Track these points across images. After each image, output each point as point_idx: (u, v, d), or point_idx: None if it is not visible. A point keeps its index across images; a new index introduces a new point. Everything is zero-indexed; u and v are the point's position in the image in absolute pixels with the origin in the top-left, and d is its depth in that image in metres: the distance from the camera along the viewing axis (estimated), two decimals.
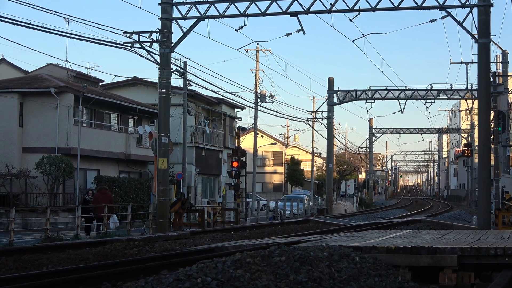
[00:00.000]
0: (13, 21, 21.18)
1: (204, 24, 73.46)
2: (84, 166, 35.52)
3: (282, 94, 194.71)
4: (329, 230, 25.20)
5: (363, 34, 38.99)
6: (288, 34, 29.73)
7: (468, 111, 67.52)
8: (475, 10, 25.15)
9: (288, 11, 25.83)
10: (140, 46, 25.80)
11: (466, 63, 50.08)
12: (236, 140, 38.76)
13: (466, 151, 64.43)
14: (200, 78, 50.89)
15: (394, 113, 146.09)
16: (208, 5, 26.06)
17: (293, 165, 77.47)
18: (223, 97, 45.95)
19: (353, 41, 31.40)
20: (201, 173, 46.97)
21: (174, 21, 26.43)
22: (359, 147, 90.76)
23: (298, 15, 26.18)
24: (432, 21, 27.99)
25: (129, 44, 25.57)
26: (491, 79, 37.86)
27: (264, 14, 25.88)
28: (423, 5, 25.32)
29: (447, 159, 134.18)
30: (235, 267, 9.40)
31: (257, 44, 51.72)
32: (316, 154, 79.11)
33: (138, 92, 45.95)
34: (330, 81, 49.85)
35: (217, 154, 51.02)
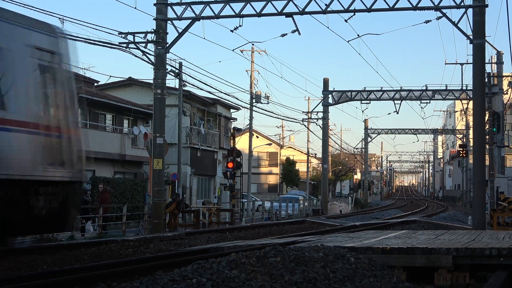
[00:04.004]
0: None
1: (199, 25, 73.34)
2: None
3: (277, 94, 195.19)
4: (324, 230, 25.20)
5: (358, 35, 39.24)
6: (283, 35, 29.79)
7: (463, 112, 67.62)
8: (470, 11, 25.19)
9: (283, 11, 25.84)
10: (135, 47, 25.80)
11: (461, 64, 50.13)
12: (231, 140, 38.77)
13: (461, 152, 64.52)
14: (195, 79, 50.94)
15: (389, 113, 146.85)
16: (203, 5, 26.05)
17: (289, 165, 77.48)
18: (218, 98, 45.90)
19: (348, 41, 31.46)
20: (196, 173, 46.94)
21: (169, 22, 26.41)
22: (354, 148, 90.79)
23: (293, 16, 26.19)
24: (427, 21, 28.06)
25: (124, 45, 25.55)
26: (486, 80, 37.94)
27: (259, 14, 25.88)
28: (418, 5, 25.35)
29: (442, 159, 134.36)
30: (230, 267, 9.39)
31: (253, 44, 51.67)
32: (311, 155, 79.12)
33: (133, 93, 45.89)
34: (325, 82, 49.86)
35: (212, 155, 51.00)
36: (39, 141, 13.89)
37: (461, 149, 64.21)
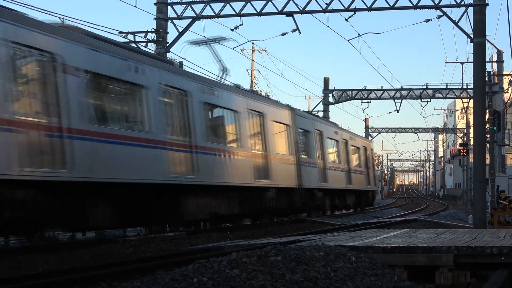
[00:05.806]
0: None
1: (199, 24, 73.56)
2: None
3: (278, 93, 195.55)
4: (325, 229, 25.17)
5: (358, 34, 39.07)
6: (283, 34, 29.72)
7: (463, 111, 67.64)
8: (470, 9, 25.18)
9: (284, 11, 25.87)
10: (135, 46, 25.81)
11: (462, 63, 50.10)
12: None
13: (461, 151, 64.51)
14: None
15: (390, 112, 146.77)
16: (203, 5, 26.08)
17: None
18: None
19: (348, 40, 31.42)
20: None
21: (169, 21, 26.43)
22: None
23: (294, 15, 26.22)
24: (427, 20, 28.03)
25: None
26: (487, 79, 37.95)
27: (259, 14, 25.89)
28: (419, 4, 25.37)
29: (442, 158, 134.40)
30: (231, 267, 9.38)
31: (253, 43, 51.75)
32: None
33: None
34: (326, 81, 49.86)
35: None
36: (366, 177, 41.28)
37: (462, 148, 64.22)
